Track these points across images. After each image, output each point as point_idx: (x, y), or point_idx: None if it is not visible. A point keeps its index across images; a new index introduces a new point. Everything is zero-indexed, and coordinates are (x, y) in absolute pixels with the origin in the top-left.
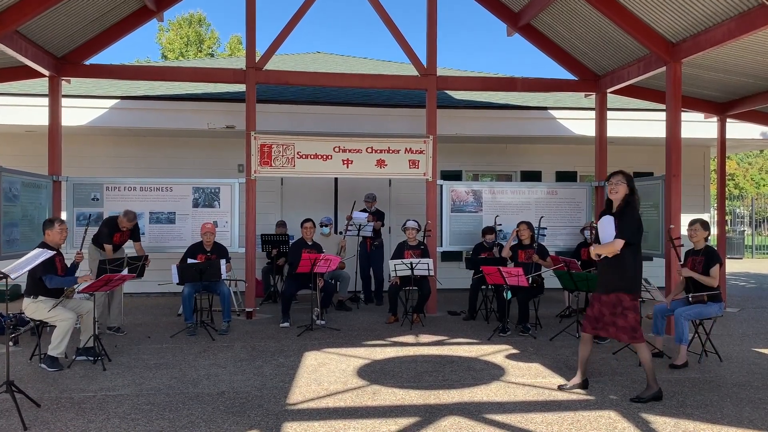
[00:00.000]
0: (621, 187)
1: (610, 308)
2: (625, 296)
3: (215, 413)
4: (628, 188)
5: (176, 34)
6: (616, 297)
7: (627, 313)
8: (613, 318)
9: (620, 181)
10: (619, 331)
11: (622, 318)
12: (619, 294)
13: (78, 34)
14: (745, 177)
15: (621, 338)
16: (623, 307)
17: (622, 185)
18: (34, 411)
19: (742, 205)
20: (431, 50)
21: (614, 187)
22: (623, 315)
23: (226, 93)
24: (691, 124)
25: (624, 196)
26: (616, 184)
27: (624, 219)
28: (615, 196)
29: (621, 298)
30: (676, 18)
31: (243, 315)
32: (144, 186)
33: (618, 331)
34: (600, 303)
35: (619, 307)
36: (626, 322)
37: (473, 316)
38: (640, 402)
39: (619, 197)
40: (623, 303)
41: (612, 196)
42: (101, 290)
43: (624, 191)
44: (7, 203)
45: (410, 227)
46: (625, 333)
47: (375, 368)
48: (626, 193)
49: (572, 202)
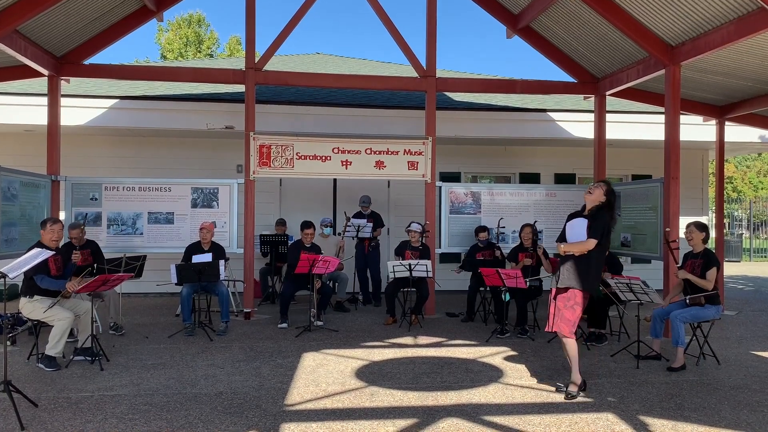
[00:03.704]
0: (597, 190)
1: (563, 301)
2: (579, 292)
3: (213, 414)
4: (604, 193)
5: (175, 35)
6: (572, 292)
7: (576, 308)
8: (562, 310)
9: (598, 186)
10: (561, 322)
11: (570, 311)
12: (575, 290)
13: (77, 34)
14: (743, 180)
15: (562, 329)
16: (575, 301)
17: (598, 189)
18: (31, 411)
19: (740, 208)
20: (431, 52)
21: (590, 189)
22: (572, 309)
23: (226, 93)
24: (690, 127)
25: (598, 199)
26: (594, 187)
27: (596, 220)
28: (588, 197)
29: (575, 293)
30: (675, 21)
31: (241, 316)
32: (143, 186)
33: (561, 321)
34: (557, 299)
35: (571, 300)
36: (573, 316)
37: (471, 317)
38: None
39: (592, 198)
40: (576, 298)
41: (586, 197)
42: (99, 290)
43: (599, 195)
44: (6, 203)
45: (414, 230)
46: (567, 326)
47: (373, 369)
48: (601, 199)
49: (571, 204)
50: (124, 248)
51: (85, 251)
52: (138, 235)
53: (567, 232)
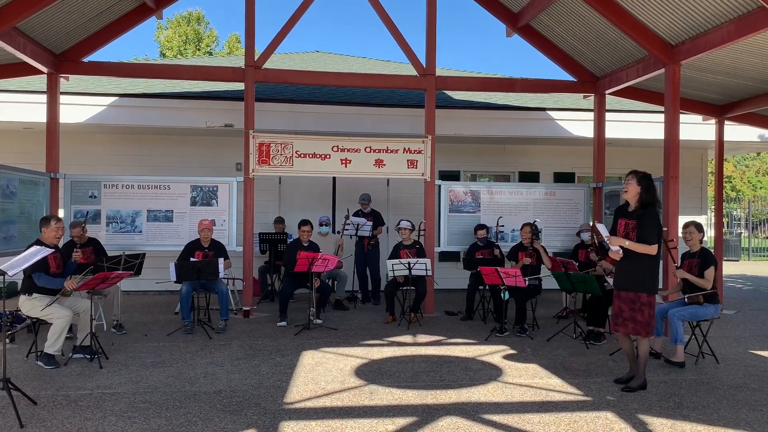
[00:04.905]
0: (630, 186)
1: (629, 304)
2: (643, 294)
3: (212, 412)
4: (638, 187)
5: (175, 32)
6: (635, 295)
7: (644, 309)
8: (632, 314)
9: (629, 181)
10: (637, 326)
11: (640, 314)
12: (638, 293)
13: (77, 32)
14: (742, 179)
15: (640, 333)
16: (641, 303)
17: (630, 184)
18: (30, 408)
19: (739, 207)
20: (430, 50)
21: (625, 187)
22: (641, 311)
23: (225, 91)
24: (690, 126)
25: (635, 191)
26: (627, 184)
27: (645, 222)
28: (626, 195)
29: (639, 296)
30: (675, 20)
31: (240, 314)
32: (142, 184)
33: (636, 326)
34: (620, 300)
35: (637, 303)
36: (643, 318)
37: (470, 316)
38: (629, 391)
39: (630, 195)
40: (641, 299)
41: (624, 196)
42: (99, 287)
43: (634, 191)
44: (5, 200)
45: (404, 227)
46: (643, 328)
47: (372, 368)
48: (638, 191)
49: (570, 203)
50: (123, 246)
51: (87, 249)
52: (137, 233)
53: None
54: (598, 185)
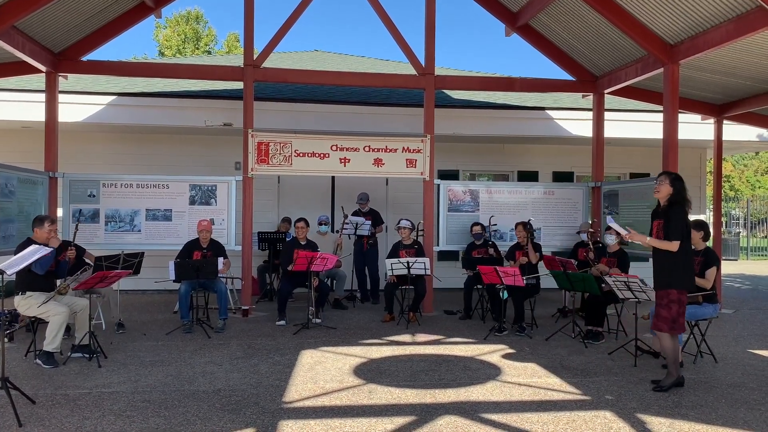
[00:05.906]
0: (662, 186)
1: (658, 299)
2: (673, 291)
3: (211, 411)
4: (671, 188)
5: (173, 31)
6: (665, 291)
7: (671, 306)
8: (658, 309)
9: (662, 180)
10: (659, 321)
11: (666, 309)
12: (668, 289)
13: (76, 30)
14: (741, 179)
15: (661, 328)
16: (669, 299)
17: (663, 185)
18: (29, 407)
19: (738, 206)
20: (429, 50)
21: (656, 187)
22: (668, 307)
23: (224, 90)
24: (688, 126)
25: (667, 192)
26: (659, 184)
27: (672, 219)
28: (658, 195)
29: (668, 292)
30: (674, 19)
31: (239, 313)
32: (140, 183)
33: (658, 320)
34: (656, 298)
35: (665, 299)
36: (669, 314)
37: (469, 315)
38: (660, 390)
39: (662, 195)
40: (669, 296)
41: (655, 195)
42: (97, 287)
43: (666, 191)
44: (3, 199)
45: (404, 227)
46: (666, 323)
47: (371, 367)
48: (670, 191)
49: (569, 202)
50: (121, 245)
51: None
52: (136, 232)
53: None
54: (597, 184)
